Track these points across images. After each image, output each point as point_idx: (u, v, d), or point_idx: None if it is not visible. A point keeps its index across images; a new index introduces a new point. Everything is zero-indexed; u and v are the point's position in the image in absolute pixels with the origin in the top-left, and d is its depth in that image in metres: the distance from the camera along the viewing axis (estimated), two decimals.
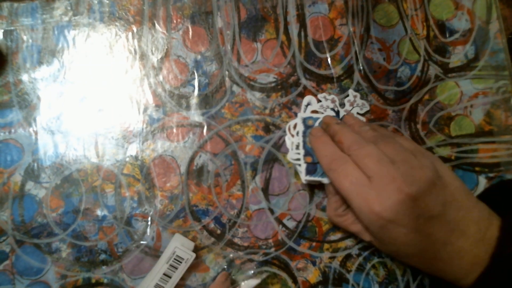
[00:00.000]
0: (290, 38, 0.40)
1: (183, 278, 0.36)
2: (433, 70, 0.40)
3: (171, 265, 0.34)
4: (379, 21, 0.41)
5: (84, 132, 0.38)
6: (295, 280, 0.37)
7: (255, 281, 0.36)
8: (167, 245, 0.35)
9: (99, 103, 0.38)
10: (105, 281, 0.36)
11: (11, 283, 0.36)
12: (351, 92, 0.39)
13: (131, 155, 0.38)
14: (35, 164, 0.37)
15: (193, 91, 0.39)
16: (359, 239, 0.38)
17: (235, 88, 0.39)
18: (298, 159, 0.36)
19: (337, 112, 0.38)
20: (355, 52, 0.40)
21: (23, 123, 0.38)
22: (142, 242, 0.37)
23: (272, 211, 0.38)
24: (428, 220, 0.29)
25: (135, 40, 0.39)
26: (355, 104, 0.38)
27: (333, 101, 0.37)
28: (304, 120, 0.36)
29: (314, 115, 0.37)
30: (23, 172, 0.37)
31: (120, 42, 0.39)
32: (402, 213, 0.28)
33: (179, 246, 0.34)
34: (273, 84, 0.39)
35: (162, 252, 0.36)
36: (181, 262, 0.34)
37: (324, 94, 0.38)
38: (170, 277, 0.34)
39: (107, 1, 0.39)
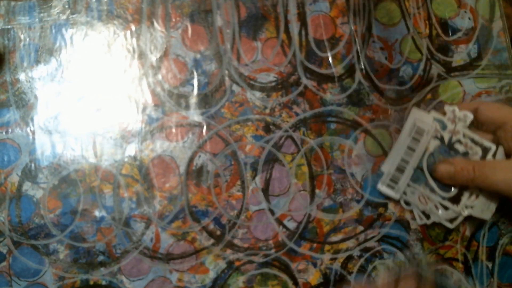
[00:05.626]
0: (290, 37, 0.40)
1: (181, 280, 0.36)
2: (436, 69, 0.40)
3: (413, 138, 0.36)
4: (381, 20, 0.40)
5: (82, 132, 0.37)
6: (295, 282, 0.37)
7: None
8: (165, 246, 0.35)
9: (97, 102, 0.38)
10: (104, 283, 0.36)
11: (8, 285, 0.35)
12: (447, 108, 0.36)
13: (130, 155, 0.37)
14: (32, 165, 0.37)
15: (192, 90, 0.38)
16: (361, 240, 0.38)
17: (235, 87, 0.39)
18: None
19: (441, 138, 0.36)
20: (357, 51, 0.40)
21: (20, 122, 0.37)
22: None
23: (272, 212, 0.37)
24: None
25: (134, 39, 0.39)
26: (457, 119, 0.35)
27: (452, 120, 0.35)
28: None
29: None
30: (20, 172, 0.36)
31: (118, 41, 0.39)
32: None
33: (419, 118, 0.35)
34: (273, 84, 0.39)
35: (161, 253, 0.36)
36: (422, 134, 0.35)
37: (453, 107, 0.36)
38: (414, 150, 0.36)
39: None
